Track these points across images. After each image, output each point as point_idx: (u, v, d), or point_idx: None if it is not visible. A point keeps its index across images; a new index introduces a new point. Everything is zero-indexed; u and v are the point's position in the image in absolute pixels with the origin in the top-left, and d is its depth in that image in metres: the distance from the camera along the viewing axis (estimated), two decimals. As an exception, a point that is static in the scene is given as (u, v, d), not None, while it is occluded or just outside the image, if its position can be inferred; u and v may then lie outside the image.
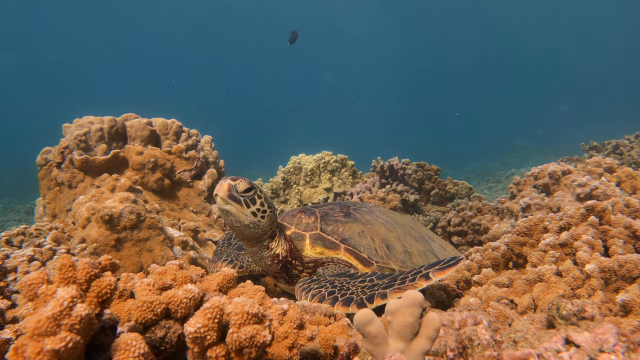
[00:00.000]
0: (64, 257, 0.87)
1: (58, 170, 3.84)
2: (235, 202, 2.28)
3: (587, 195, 3.53)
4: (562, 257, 1.88)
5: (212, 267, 3.10)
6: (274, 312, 1.03)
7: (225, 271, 1.09)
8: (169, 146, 4.07)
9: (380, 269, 2.58)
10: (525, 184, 4.35)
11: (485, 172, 16.01)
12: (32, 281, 0.84)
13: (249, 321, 0.83)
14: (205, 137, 4.68)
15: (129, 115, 4.16)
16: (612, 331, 1.07)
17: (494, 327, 1.52)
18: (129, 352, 0.79)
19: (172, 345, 0.89)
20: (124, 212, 2.96)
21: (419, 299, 1.07)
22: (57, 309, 0.71)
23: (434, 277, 1.92)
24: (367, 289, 2.06)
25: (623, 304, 1.50)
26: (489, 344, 1.11)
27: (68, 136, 3.81)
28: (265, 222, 2.40)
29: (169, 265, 1.09)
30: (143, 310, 0.87)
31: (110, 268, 1.01)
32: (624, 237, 1.81)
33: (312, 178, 5.88)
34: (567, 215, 2.05)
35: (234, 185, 2.28)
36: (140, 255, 3.03)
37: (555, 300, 1.50)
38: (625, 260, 1.63)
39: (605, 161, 4.15)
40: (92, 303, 0.86)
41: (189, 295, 0.90)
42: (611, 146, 7.04)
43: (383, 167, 5.78)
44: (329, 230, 2.71)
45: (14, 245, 3.11)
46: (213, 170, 4.41)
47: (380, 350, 1.06)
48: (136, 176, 3.72)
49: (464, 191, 5.80)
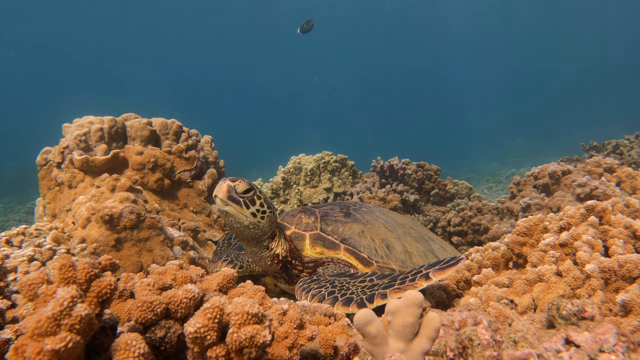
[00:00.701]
0: (64, 257, 0.87)
1: (58, 170, 3.84)
2: (235, 203, 2.27)
3: (587, 195, 3.53)
4: (562, 257, 1.88)
5: (212, 267, 3.10)
6: (274, 312, 1.03)
7: (225, 271, 1.09)
8: (169, 146, 4.07)
9: (380, 269, 2.58)
10: (525, 184, 4.35)
11: (485, 172, 16.01)
12: (32, 281, 0.84)
13: (249, 321, 0.83)
14: (205, 137, 4.68)
15: (129, 115, 4.16)
16: (612, 331, 1.07)
17: (494, 327, 1.52)
18: (129, 352, 0.79)
19: (172, 345, 0.89)
20: (124, 212, 2.96)
21: (419, 299, 1.07)
22: (57, 309, 0.71)
23: (434, 277, 1.92)
24: (367, 289, 2.06)
25: (623, 304, 1.50)
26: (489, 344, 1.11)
27: (68, 136, 3.81)
28: (264, 223, 2.40)
29: (169, 265, 1.09)
30: (143, 310, 0.87)
31: (110, 268, 1.01)
32: (624, 237, 1.81)
33: (312, 178, 5.88)
34: (567, 215, 2.04)
35: (233, 187, 2.27)
36: (140, 255, 3.03)
37: (555, 300, 1.50)
38: (625, 260, 1.63)
39: (605, 161, 4.15)
40: (92, 303, 0.86)
41: (189, 295, 0.90)
42: (611, 146, 7.04)
43: (383, 167, 5.78)
44: (329, 230, 2.71)
45: (14, 245, 3.11)
46: (213, 170, 4.41)
47: (380, 350, 1.06)
48: (136, 176, 3.72)
49: (464, 191, 5.80)
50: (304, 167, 5.94)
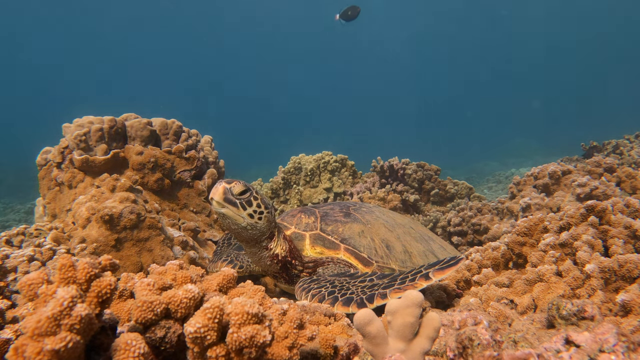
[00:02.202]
0: (64, 257, 0.87)
1: (58, 170, 3.84)
2: (231, 205, 2.26)
3: (587, 195, 3.53)
4: (562, 257, 1.88)
5: (212, 267, 3.10)
6: (274, 312, 1.03)
7: (225, 271, 1.09)
8: (169, 146, 4.07)
9: (380, 269, 2.58)
10: (525, 184, 4.36)
11: (485, 172, 16.00)
12: (32, 281, 0.84)
13: (249, 321, 0.83)
14: (205, 137, 4.68)
15: (129, 115, 4.16)
16: (612, 331, 1.07)
17: (494, 327, 1.52)
18: (129, 352, 0.79)
19: (172, 345, 0.89)
20: (124, 212, 2.96)
21: (419, 299, 1.07)
22: (57, 309, 0.71)
23: (434, 277, 1.92)
24: (367, 288, 2.06)
25: (623, 304, 1.50)
26: (489, 344, 1.11)
27: (68, 136, 3.81)
28: (262, 224, 2.39)
29: (169, 265, 1.09)
30: (143, 310, 0.87)
31: (110, 268, 1.01)
32: (624, 237, 1.81)
33: (312, 178, 5.88)
34: (567, 215, 2.04)
35: (229, 188, 2.26)
36: (140, 255, 3.03)
37: (555, 300, 1.50)
38: (625, 260, 1.63)
39: (605, 161, 4.15)
40: (92, 303, 0.86)
41: (189, 295, 0.90)
42: (611, 146, 7.04)
43: (383, 167, 5.78)
44: (329, 230, 2.71)
45: (14, 245, 3.11)
46: (213, 170, 4.41)
47: (380, 350, 1.06)
48: (136, 176, 3.72)
49: (464, 191, 5.80)
50: (304, 167, 5.94)
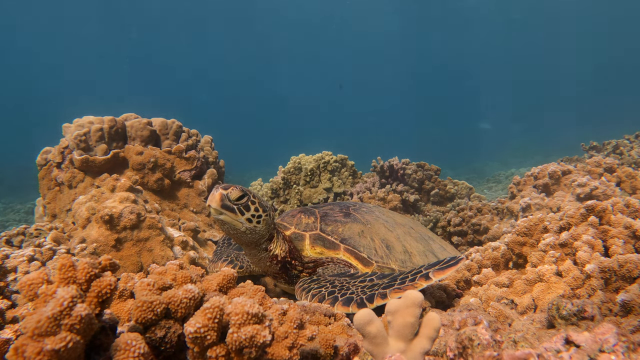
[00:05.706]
0: (64, 257, 0.87)
1: (58, 170, 3.84)
2: (229, 211, 2.25)
3: (587, 195, 3.53)
4: (562, 257, 1.88)
5: (212, 267, 3.10)
6: (274, 312, 1.03)
7: (225, 271, 1.09)
8: (169, 146, 4.07)
9: (380, 269, 2.58)
10: (525, 184, 4.36)
11: (485, 172, 15.99)
12: (32, 281, 0.84)
13: (249, 321, 0.83)
14: (205, 137, 4.68)
15: (129, 115, 4.16)
16: (612, 331, 1.07)
17: (494, 327, 1.52)
18: (129, 352, 0.79)
19: (172, 345, 0.89)
20: (124, 212, 2.96)
21: (419, 299, 1.07)
22: (57, 309, 0.71)
23: (434, 277, 1.92)
24: (367, 288, 2.06)
25: (623, 304, 1.50)
26: (489, 344, 1.11)
27: (68, 136, 3.81)
28: (261, 227, 2.39)
29: (169, 265, 1.09)
30: (143, 310, 0.87)
31: (110, 268, 1.01)
32: (624, 237, 1.81)
33: (312, 178, 5.88)
34: (567, 215, 2.04)
35: (226, 195, 2.25)
36: (140, 255, 3.03)
37: (555, 300, 1.50)
38: (625, 260, 1.63)
39: (605, 161, 4.15)
40: (92, 303, 0.86)
41: (189, 295, 0.90)
42: (611, 146, 7.03)
43: (383, 167, 5.78)
44: (329, 231, 2.71)
45: (14, 245, 3.11)
46: (213, 170, 4.41)
47: (380, 350, 1.06)
48: (136, 176, 3.72)
49: (464, 191, 5.80)
50: (304, 167, 5.94)
